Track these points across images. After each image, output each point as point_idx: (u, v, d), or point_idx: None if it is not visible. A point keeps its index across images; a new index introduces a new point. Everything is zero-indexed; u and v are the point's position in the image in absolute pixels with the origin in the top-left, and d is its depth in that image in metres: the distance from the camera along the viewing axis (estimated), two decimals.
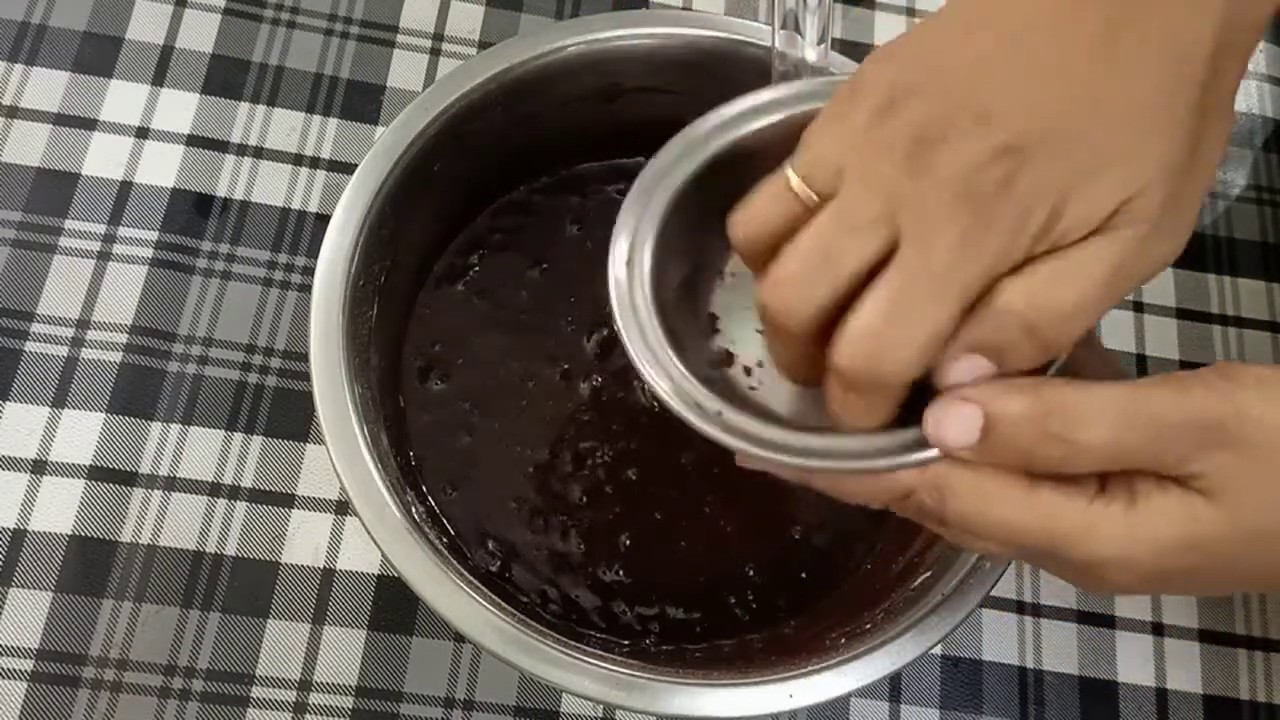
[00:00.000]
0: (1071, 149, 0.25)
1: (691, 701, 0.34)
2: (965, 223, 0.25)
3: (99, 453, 0.44)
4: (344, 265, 0.38)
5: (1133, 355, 0.51)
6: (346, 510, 0.45)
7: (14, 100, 0.49)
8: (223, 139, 0.50)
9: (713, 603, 0.42)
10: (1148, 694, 0.46)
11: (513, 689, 0.43)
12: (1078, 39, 0.26)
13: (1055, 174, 0.25)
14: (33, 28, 0.51)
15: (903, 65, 0.27)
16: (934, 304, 0.25)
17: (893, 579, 0.41)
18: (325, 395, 0.36)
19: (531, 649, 0.34)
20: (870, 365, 0.26)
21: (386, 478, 0.36)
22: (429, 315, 0.45)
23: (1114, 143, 0.25)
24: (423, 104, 0.40)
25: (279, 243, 0.49)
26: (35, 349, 0.46)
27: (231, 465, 0.45)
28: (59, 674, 0.41)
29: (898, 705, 0.44)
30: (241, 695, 0.42)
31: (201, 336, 0.46)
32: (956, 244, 0.25)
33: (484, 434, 0.44)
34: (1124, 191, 0.25)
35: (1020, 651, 0.46)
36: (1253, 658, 0.46)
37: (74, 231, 0.47)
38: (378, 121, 0.52)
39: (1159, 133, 0.26)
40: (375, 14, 0.54)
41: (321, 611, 0.43)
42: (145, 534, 0.43)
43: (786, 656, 0.37)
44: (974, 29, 0.27)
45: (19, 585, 0.42)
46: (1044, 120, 0.25)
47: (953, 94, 0.26)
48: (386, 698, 0.42)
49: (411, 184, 0.41)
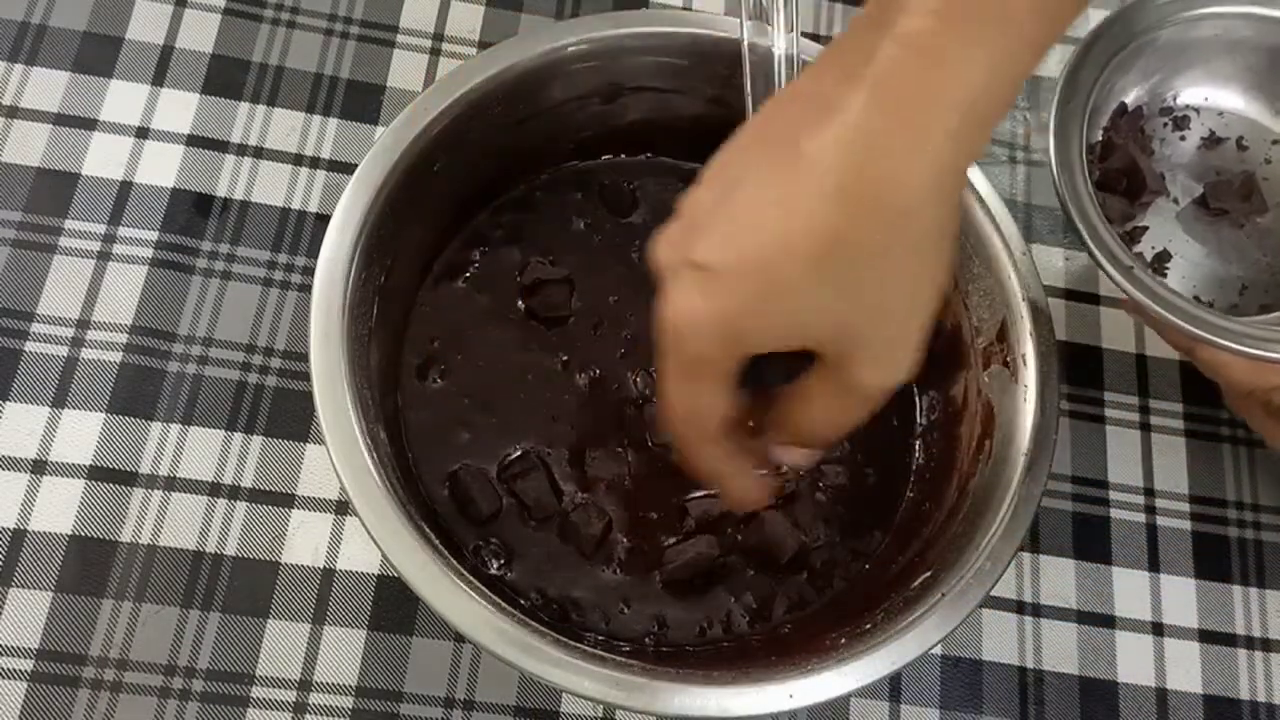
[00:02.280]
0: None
1: (691, 701, 0.34)
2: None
3: (99, 453, 0.44)
4: (344, 265, 0.38)
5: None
6: (346, 510, 0.45)
7: (14, 100, 0.49)
8: (223, 139, 0.50)
9: (712, 603, 0.42)
10: (1148, 694, 0.46)
11: (513, 689, 0.43)
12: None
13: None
14: (33, 28, 0.51)
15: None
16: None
17: (893, 579, 0.41)
18: (325, 395, 0.36)
19: (531, 649, 0.34)
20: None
21: (386, 478, 0.36)
22: (429, 313, 0.45)
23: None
24: (423, 104, 0.40)
25: (279, 243, 0.49)
26: (35, 349, 0.46)
27: (231, 465, 0.45)
28: (59, 674, 0.41)
29: (898, 705, 0.44)
30: (241, 695, 0.42)
31: (201, 336, 0.46)
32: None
33: (483, 430, 0.44)
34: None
35: (1020, 651, 0.46)
36: (1253, 658, 0.46)
37: (74, 231, 0.47)
38: (378, 121, 0.52)
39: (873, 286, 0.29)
40: (375, 14, 0.54)
41: (321, 611, 0.43)
42: (145, 534, 0.43)
43: (786, 656, 0.37)
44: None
45: (19, 585, 0.42)
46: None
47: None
48: (386, 698, 0.42)
49: (411, 184, 0.41)
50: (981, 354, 0.43)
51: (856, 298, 0.29)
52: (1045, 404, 0.40)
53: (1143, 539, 0.48)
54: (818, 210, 0.28)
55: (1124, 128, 0.49)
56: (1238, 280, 0.48)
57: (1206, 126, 0.51)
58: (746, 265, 0.28)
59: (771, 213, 0.28)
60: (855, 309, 0.29)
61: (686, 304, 0.29)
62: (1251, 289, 0.48)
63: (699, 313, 0.29)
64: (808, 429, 0.33)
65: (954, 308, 0.45)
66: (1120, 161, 0.48)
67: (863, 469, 0.45)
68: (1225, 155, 0.50)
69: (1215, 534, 0.48)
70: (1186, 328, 0.40)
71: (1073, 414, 0.50)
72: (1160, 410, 0.50)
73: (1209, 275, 0.49)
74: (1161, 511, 0.49)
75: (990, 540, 0.37)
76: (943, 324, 0.46)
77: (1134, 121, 0.50)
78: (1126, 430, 0.50)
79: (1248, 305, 0.48)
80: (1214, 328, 0.40)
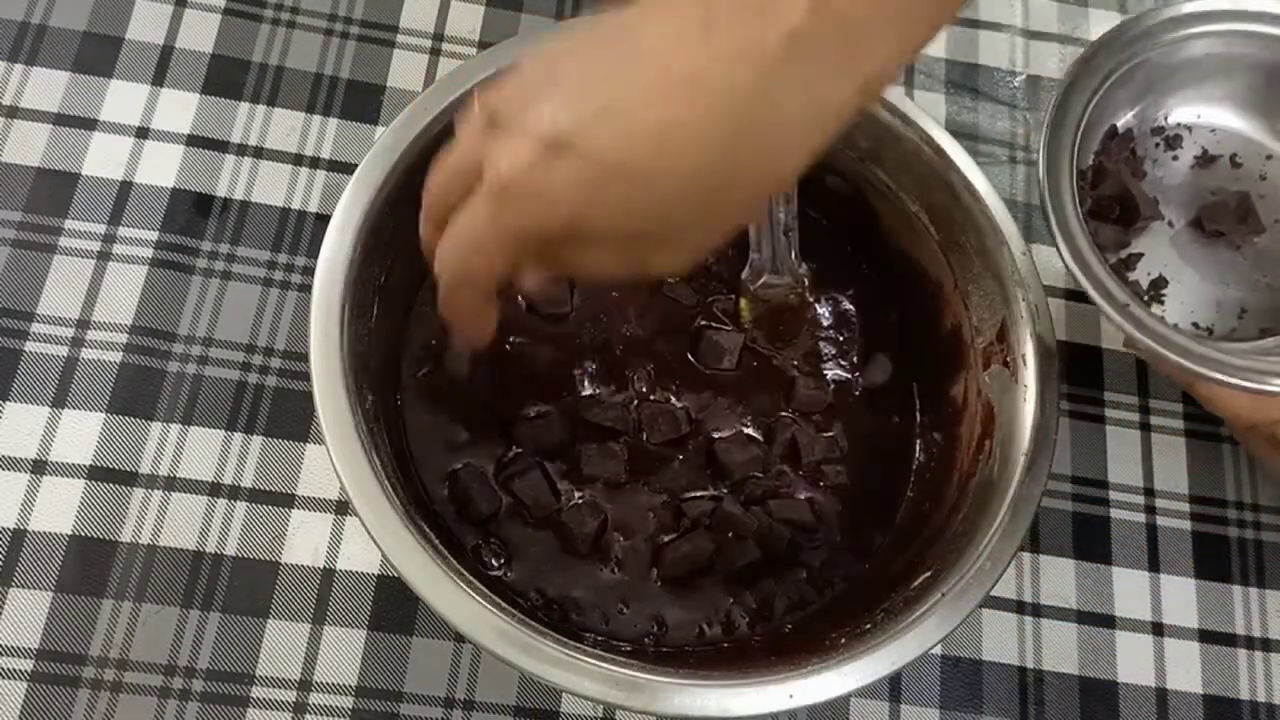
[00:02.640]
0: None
1: (691, 701, 0.34)
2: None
3: (99, 453, 0.44)
4: (344, 265, 0.38)
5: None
6: (346, 510, 0.45)
7: (14, 100, 0.49)
8: (223, 139, 0.50)
9: (712, 603, 0.42)
10: (1148, 694, 0.46)
11: (513, 689, 0.43)
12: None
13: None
14: (33, 28, 0.51)
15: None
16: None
17: (893, 579, 0.41)
18: (325, 395, 0.36)
19: (531, 649, 0.34)
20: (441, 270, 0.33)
21: (386, 478, 0.36)
22: (428, 312, 0.45)
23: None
24: (423, 104, 0.40)
25: (279, 243, 0.49)
26: (35, 349, 0.46)
27: (231, 465, 0.45)
28: (59, 674, 0.41)
29: (898, 705, 0.44)
30: (241, 695, 0.42)
31: (201, 336, 0.46)
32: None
33: (483, 430, 0.44)
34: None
35: (1020, 651, 0.46)
36: (1252, 658, 0.46)
37: (74, 231, 0.47)
38: (378, 121, 0.52)
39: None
40: (375, 14, 0.54)
41: (321, 611, 0.43)
42: (145, 534, 0.43)
43: (786, 656, 0.37)
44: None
45: (19, 585, 0.42)
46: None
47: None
48: (386, 698, 0.42)
49: (412, 184, 0.40)
50: (981, 354, 0.43)
51: (699, 210, 0.30)
52: (1045, 404, 0.40)
53: (1143, 539, 0.48)
54: (706, 128, 0.28)
55: (1115, 151, 0.48)
56: (1236, 303, 0.48)
57: (1199, 145, 0.50)
58: (614, 157, 0.28)
59: (654, 110, 0.28)
60: (692, 219, 0.30)
61: (538, 173, 0.29)
62: (1251, 312, 0.48)
63: (547, 187, 0.29)
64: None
65: (954, 308, 0.45)
66: (1112, 188, 0.47)
67: (863, 468, 0.45)
68: (1219, 174, 0.50)
69: (1215, 534, 0.48)
70: (1185, 365, 0.40)
71: (1073, 414, 0.50)
72: (1160, 410, 0.50)
73: (1207, 299, 0.48)
74: (1161, 511, 0.49)
75: (990, 540, 0.37)
76: (943, 324, 0.46)
77: (1125, 143, 0.49)
78: (1126, 430, 0.50)
79: (1247, 329, 0.47)
80: (1213, 363, 0.40)
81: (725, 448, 0.44)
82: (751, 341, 0.47)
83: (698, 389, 0.46)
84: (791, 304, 0.47)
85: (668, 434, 0.44)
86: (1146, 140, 0.50)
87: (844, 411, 0.46)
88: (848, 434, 0.46)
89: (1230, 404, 0.42)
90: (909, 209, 0.45)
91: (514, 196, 0.29)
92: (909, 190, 0.45)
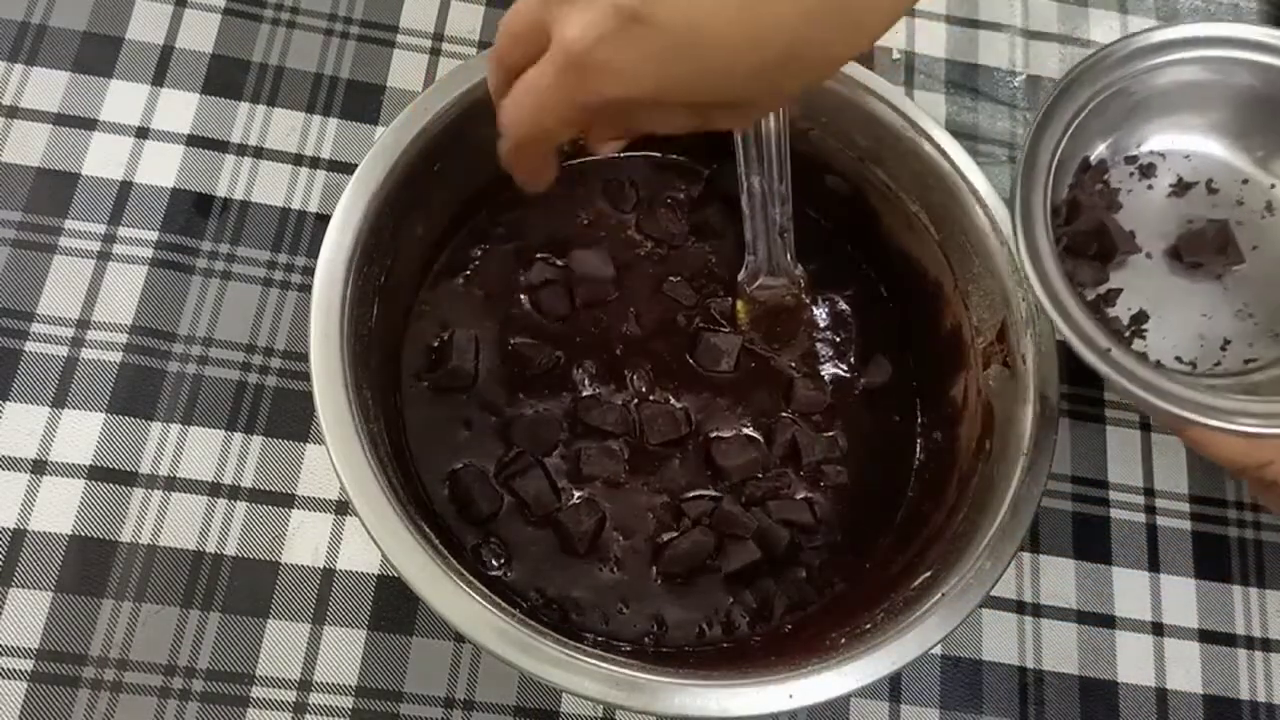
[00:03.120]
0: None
1: (691, 701, 0.34)
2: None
3: (99, 453, 0.44)
4: (344, 265, 0.38)
5: None
6: (346, 510, 0.45)
7: (14, 100, 0.49)
8: (223, 139, 0.50)
9: (712, 603, 0.42)
10: (1148, 694, 0.46)
11: (513, 689, 0.43)
12: None
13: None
14: (33, 28, 0.51)
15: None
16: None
17: (893, 579, 0.41)
18: (325, 395, 0.36)
19: (531, 649, 0.34)
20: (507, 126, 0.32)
21: (386, 478, 0.36)
22: (428, 312, 0.45)
23: None
24: (423, 104, 0.41)
25: (279, 243, 0.49)
26: (35, 349, 0.46)
27: (231, 465, 0.45)
28: (59, 674, 0.41)
29: (898, 705, 0.44)
30: (241, 695, 0.42)
31: (201, 336, 0.46)
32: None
33: (483, 430, 0.44)
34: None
35: (1020, 651, 0.46)
36: (1252, 658, 0.46)
37: (74, 231, 0.47)
38: (378, 121, 0.52)
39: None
40: (375, 14, 0.54)
41: (321, 611, 0.43)
42: (145, 534, 0.43)
43: (786, 656, 0.37)
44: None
45: (19, 585, 0.42)
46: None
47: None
48: (386, 698, 0.42)
49: (411, 184, 0.41)
50: (981, 354, 0.43)
51: (777, 79, 0.29)
52: (1045, 404, 0.40)
53: (1143, 539, 0.48)
54: (785, 14, 0.27)
55: (1088, 183, 0.47)
56: (1219, 336, 0.46)
57: (1174, 172, 0.48)
58: (691, 33, 0.27)
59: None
60: (769, 89, 0.30)
61: (609, 47, 0.27)
62: (1235, 342, 0.46)
63: (620, 62, 0.28)
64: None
65: (954, 308, 0.45)
66: (1088, 224, 0.46)
67: (863, 469, 0.45)
68: (1195, 201, 0.48)
69: (1215, 534, 0.48)
70: (1171, 410, 0.39)
71: (1073, 414, 0.50)
72: None
73: (1189, 332, 0.46)
74: (1161, 511, 0.49)
75: (990, 540, 0.37)
76: (943, 324, 0.46)
77: (1098, 174, 0.47)
78: (1126, 430, 0.50)
79: (1231, 361, 0.46)
80: (1205, 408, 0.39)
81: (725, 450, 0.44)
82: (749, 343, 0.47)
83: (697, 390, 0.46)
84: (788, 305, 0.47)
85: (667, 434, 0.44)
86: (1120, 169, 0.48)
87: (844, 412, 0.46)
88: (848, 434, 0.46)
89: (1222, 448, 0.40)
90: (909, 209, 0.45)
91: (584, 70, 0.28)
92: (909, 190, 0.45)
